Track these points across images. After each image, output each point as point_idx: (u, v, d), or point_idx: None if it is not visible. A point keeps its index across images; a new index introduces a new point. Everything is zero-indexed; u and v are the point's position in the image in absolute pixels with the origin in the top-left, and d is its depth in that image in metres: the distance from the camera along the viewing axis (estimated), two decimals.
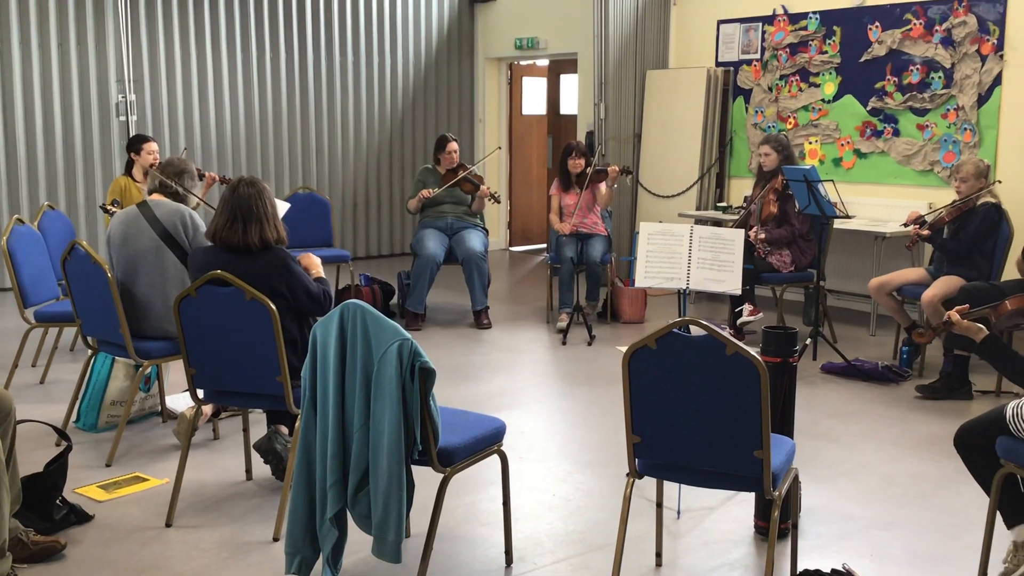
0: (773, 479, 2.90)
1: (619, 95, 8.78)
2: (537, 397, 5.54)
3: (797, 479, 3.33)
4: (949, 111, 7.06)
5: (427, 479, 3.26)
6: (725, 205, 8.28)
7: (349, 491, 3.08)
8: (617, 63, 8.71)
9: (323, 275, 4.08)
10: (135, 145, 6.50)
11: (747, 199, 6.95)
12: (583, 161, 7.18)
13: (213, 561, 3.44)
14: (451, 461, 3.16)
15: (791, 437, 3.54)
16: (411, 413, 2.99)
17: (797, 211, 6.36)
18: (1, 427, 3.27)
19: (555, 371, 6.10)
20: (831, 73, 7.75)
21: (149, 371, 4.86)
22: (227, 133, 9.34)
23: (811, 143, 7.92)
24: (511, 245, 11.19)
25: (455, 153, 7.33)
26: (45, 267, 5.45)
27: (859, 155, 7.66)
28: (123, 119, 8.60)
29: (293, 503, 3.17)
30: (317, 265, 4.13)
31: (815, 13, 7.81)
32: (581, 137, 9.39)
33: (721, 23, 8.53)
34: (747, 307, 6.40)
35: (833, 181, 6.26)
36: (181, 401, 4.96)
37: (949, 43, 7.02)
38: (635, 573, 3.38)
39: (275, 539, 3.60)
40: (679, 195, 8.60)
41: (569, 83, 10.63)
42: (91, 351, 4.76)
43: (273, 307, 3.54)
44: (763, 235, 6.48)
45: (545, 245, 10.65)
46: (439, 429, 3.11)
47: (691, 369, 2.87)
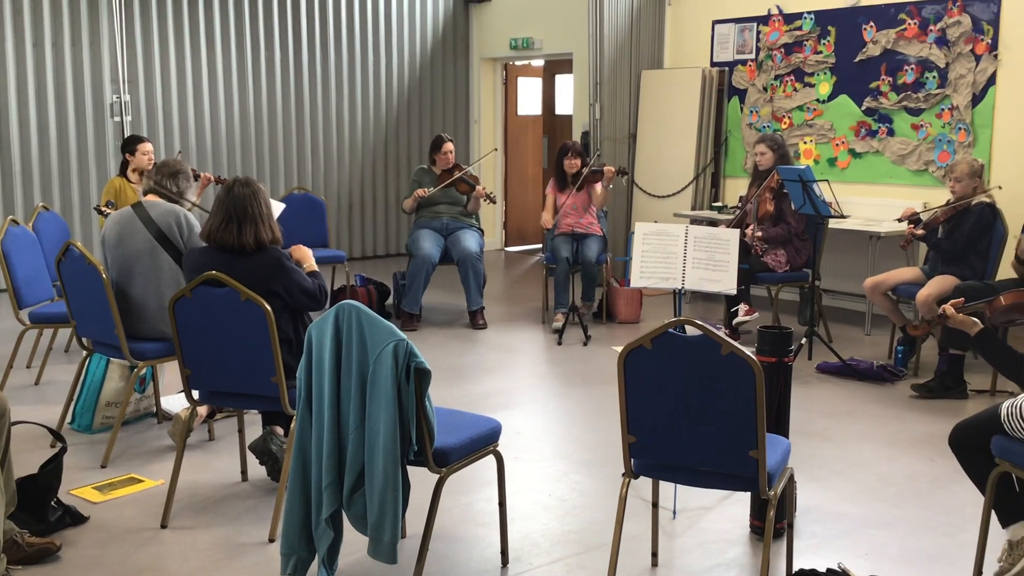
0: (768, 479, 2.91)
1: (614, 95, 8.79)
2: (533, 397, 5.54)
3: (792, 479, 3.34)
4: (943, 111, 7.08)
5: (423, 480, 3.26)
6: (720, 205, 8.29)
7: (345, 492, 3.07)
8: (612, 63, 8.71)
9: (316, 267, 4.08)
10: (130, 146, 6.49)
11: (742, 199, 6.96)
12: (579, 161, 7.19)
13: (209, 562, 3.44)
14: (447, 462, 3.16)
15: (786, 437, 3.54)
16: (407, 414, 2.99)
17: (793, 210, 6.37)
18: None
19: (551, 371, 6.10)
20: (826, 73, 7.76)
21: (144, 372, 4.85)
22: (222, 133, 9.33)
23: (806, 143, 7.93)
24: (507, 245, 11.20)
25: (451, 153, 7.33)
26: (40, 268, 5.44)
27: (854, 155, 7.67)
28: (117, 120, 8.60)
29: (289, 504, 3.16)
30: (309, 257, 4.13)
31: (810, 13, 7.82)
32: (576, 137, 9.40)
33: (716, 23, 8.54)
34: (743, 307, 6.41)
35: (828, 181, 6.27)
36: (176, 402, 4.95)
37: (943, 43, 7.03)
38: (631, 573, 3.38)
39: (271, 540, 3.59)
40: (674, 195, 8.61)
41: (564, 83, 10.63)
42: (86, 352, 4.75)
43: (268, 308, 3.53)
44: (760, 233, 6.49)
45: (540, 245, 10.65)
46: (435, 430, 3.11)
47: (686, 369, 2.87)
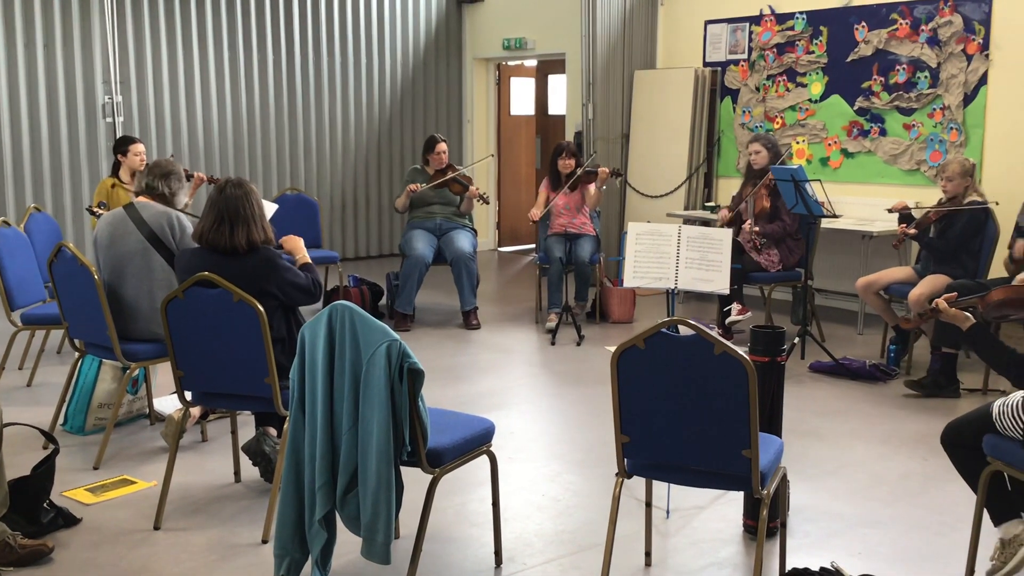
0: (761, 478, 2.91)
1: (607, 95, 8.79)
2: (526, 397, 5.54)
3: (785, 478, 3.34)
4: (935, 110, 7.10)
5: (416, 480, 3.25)
6: (713, 205, 8.30)
7: (338, 493, 3.07)
8: (605, 63, 8.72)
9: (308, 259, 4.07)
10: (122, 147, 6.48)
11: (735, 199, 6.97)
12: (574, 161, 7.19)
13: (201, 564, 3.43)
14: (440, 462, 3.15)
15: (779, 436, 3.55)
16: (400, 414, 2.99)
17: (787, 209, 6.38)
18: None
19: (544, 371, 6.10)
20: (818, 73, 7.78)
21: (136, 373, 4.84)
22: (214, 134, 9.31)
23: (798, 143, 7.95)
24: (500, 245, 11.19)
25: (444, 154, 7.33)
26: (32, 269, 5.43)
27: (846, 155, 7.68)
28: (109, 120, 8.58)
29: (282, 505, 3.16)
30: (301, 248, 4.13)
31: (802, 13, 7.83)
32: (569, 137, 9.40)
33: (708, 23, 8.55)
34: (735, 306, 6.42)
35: (820, 181, 6.28)
36: (169, 403, 4.94)
37: (935, 43, 7.05)
38: (624, 572, 3.38)
39: (264, 541, 3.59)
40: (667, 195, 8.61)
41: (557, 83, 10.64)
42: (78, 354, 4.74)
43: (261, 308, 3.53)
44: (757, 228, 6.50)
45: (534, 245, 10.65)
46: (428, 430, 3.11)
47: (679, 369, 2.88)
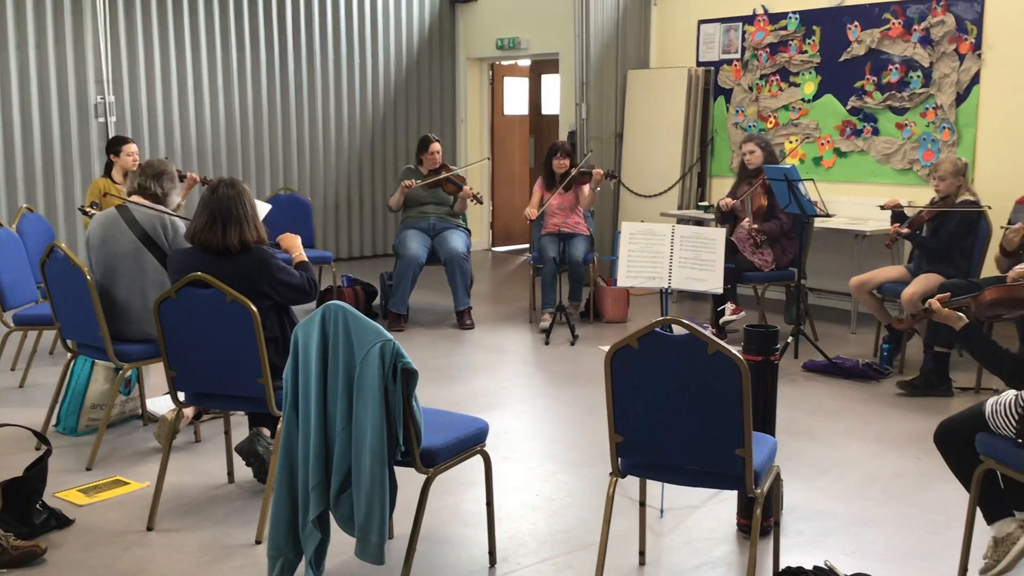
0: (755, 477, 2.91)
1: (601, 95, 8.80)
2: (520, 397, 5.54)
3: (779, 477, 3.35)
4: (928, 110, 7.11)
5: (410, 480, 3.25)
6: (707, 204, 8.31)
7: (332, 493, 3.07)
8: (598, 63, 8.72)
9: (305, 257, 4.07)
10: (114, 147, 6.47)
11: (734, 195, 6.96)
12: (568, 161, 7.20)
13: (195, 565, 3.43)
14: (434, 462, 3.15)
15: (773, 435, 3.55)
16: (394, 414, 2.98)
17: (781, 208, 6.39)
18: None
19: (538, 371, 6.10)
20: (811, 72, 7.79)
21: (129, 374, 4.83)
22: (207, 134, 9.29)
23: (791, 142, 7.96)
24: (493, 245, 11.19)
25: (438, 154, 7.32)
26: (24, 270, 5.41)
27: (839, 154, 7.70)
28: (102, 120, 8.56)
29: (275, 505, 3.15)
30: (298, 246, 4.12)
31: (795, 13, 7.84)
32: (563, 137, 9.41)
33: (701, 23, 8.56)
34: (729, 306, 6.43)
35: (813, 180, 6.30)
36: (162, 404, 4.93)
37: (927, 42, 7.07)
38: (619, 572, 3.39)
39: (257, 542, 3.58)
40: (661, 195, 8.62)
41: (551, 83, 10.64)
42: (71, 354, 4.73)
43: (254, 309, 3.52)
44: (756, 225, 6.50)
45: (528, 245, 10.65)
46: (422, 430, 3.11)
47: (673, 368, 2.88)
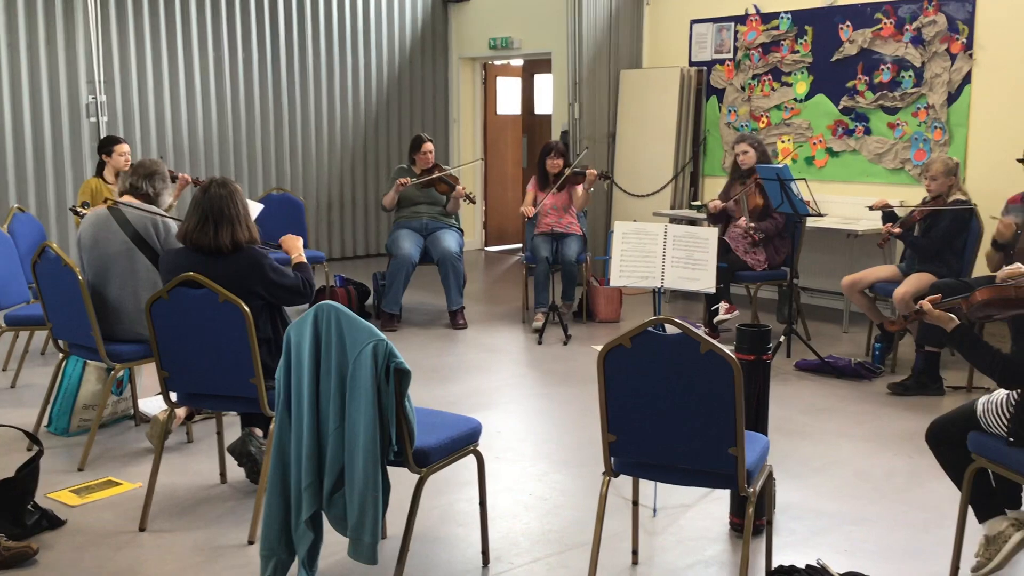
0: (747, 476, 2.92)
1: (593, 95, 8.80)
2: (513, 397, 5.54)
3: (771, 476, 3.35)
4: (919, 109, 7.13)
5: (403, 480, 3.25)
6: (699, 204, 8.32)
7: (324, 493, 3.06)
8: (591, 63, 8.73)
9: (304, 259, 4.06)
10: (106, 147, 6.45)
11: (721, 196, 6.98)
12: (562, 161, 7.20)
13: (187, 565, 3.42)
14: (427, 462, 3.15)
15: (765, 434, 3.56)
16: (386, 414, 2.98)
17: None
18: None
19: (531, 371, 6.10)
20: (803, 72, 7.81)
21: (121, 374, 4.82)
22: (199, 134, 9.27)
23: (784, 142, 7.97)
24: (486, 245, 11.19)
25: (430, 153, 7.32)
26: (15, 270, 5.39)
27: (831, 154, 7.71)
28: (93, 120, 8.54)
29: (268, 506, 3.15)
30: (297, 248, 4.11)
31: (787, 13, 7.86)
32: (555, 137, 9.41)
33: (694, 23, 8.57)
34: (723, 305, 6.44)
35: (806, 180, 6.30)
36: (154, 404, 4.92)
37: (919, 42, 7.09)
38: (611, 571, 3.39)
39: (250, 542, 3.58)
40: (653, 194, 8.63)
41: (543, 83, 10.64)
42: (62, 355, 4.71)
43: (246, 308, 3.52)
44: (753, 224, 6.51)
45: (520, 245, 10.65)
46: (415, 430, 3.11)
47: (666, 367, 2.88)
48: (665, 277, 4.62)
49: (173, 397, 3.81)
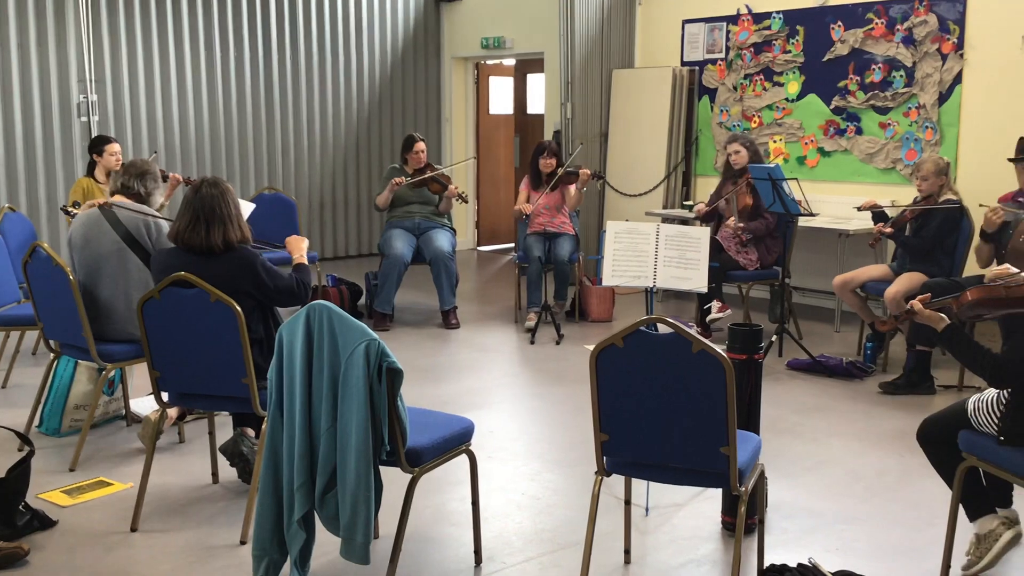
0: (739, 475, 2.92)
1: (586, 94, 8.80)
2: (505, 397, 5.54)
3: (763, 475, 3.36)
4: (911, 109, 7.15)
5: (395, 480, 3.25)
6: (691, 204, 8.32)
7: (317, 493, 3.06)
8: (583, 63, 8.73)
9: (304, 261, 4.05)
10: (97, 146, 6.43)
11: (713, 196, 6.99)
12: (554, 161, 7.20)
13: (179, 565, 3.41)
14: (419, 461, 3.15)
15: (757, 433, 3.57)
16: (379, 414, 2.98)
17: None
18: None
19: (523, 370, 6.10)
20: (795, 72, 7.82)
21: (113, 374, 4.81)
22: (191, 133, 9.25)
23: (775, 142, 7.99)
24: (479, 245, 11.19)
25: (422, 153, 7.31)
26: (6, 270, 5.37)
27: (823, 153, 7.73)
28: (84, 119, 8.51)
29: (260, 506, 3.15)
30: (299, 248, 4.10)
31: (778, 13, 7.87)
32: (548, 136, 9.41)
33: (686, 23, 8.57)
34: (715, 304, 6.45)
35: (797, 179, 6.32)
36: (145, 404, 4.91)
37: (910, 42, 7.11)
38: (604, 570, 3.39)
39: (242, 542, 3.57)
40: (646, 194, 8.64)
41: (536, 82, 10.64)
42: (53, 355, 4.70)
43: (238, 308, 3.51)
44: (742, 224, 6.53)
45: (513, 244, 10.65)
46: (407, 429, 3.10)
47: (658, 367, 2.88)
48: (657, 276, 4.62)
49: (165, 397, 3.80)
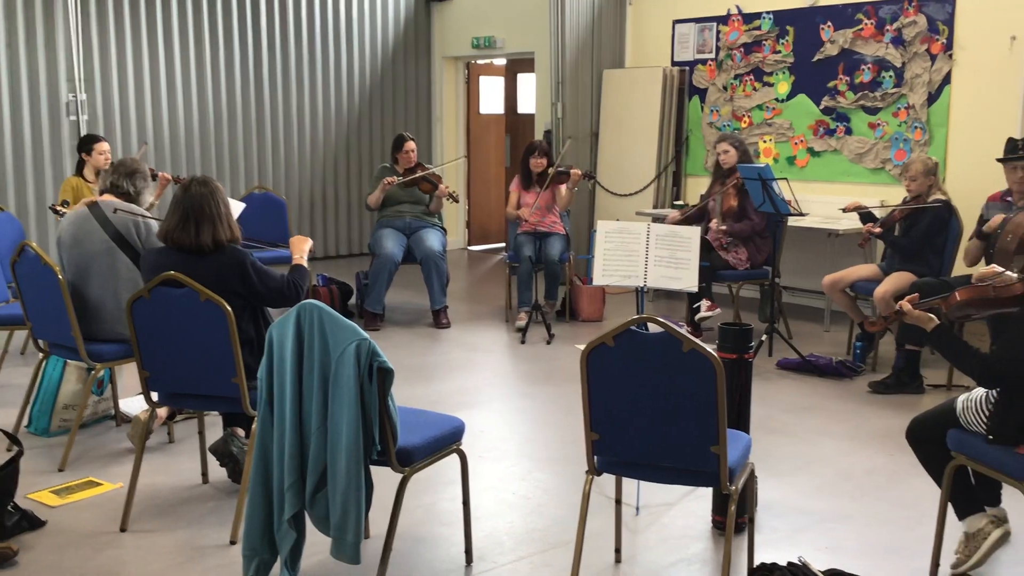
0: (730, 474, 2.93)
1: (576, 94, 8.81)
2: (496, 396, 5.54)
3: (753, 474, 3.37)
4: (900, 110, 7.18)
5: (386, 479, 3.24)
6: (682, 203, 8.33)
7: (307, 492, 3.06)
8: (574, 62, 8.74)
9: (303, 262, 4.03)
10: (86, 145, 6.41)
11: (703, 197, 7.01)
12: (545, 161, 7.20)
13: (169, 566, 3.40)
14: (410, 461, 3.15)
15: (747, 432, 3.57)
16: (369, 413, 2.98)
17: (755, 207, 6.42)
18: None
19: (514, 370, 6.10)
20: (784, 72, 7.84)
21: (102, 374, 4.79)
22: (180, 132, 9.22)
23: (765, 142, 8.00)
24: (469, 244, 11.18)
25: (413, 152, 7.31)
26: None
27: (812, 153, 7.75)
28: (73, 119, 8.48)
29: (250, 506, 3.14)
30: (299, 249, 4.08)
31: (768, 13, 7.89)
32: (539, 136, 9.41)
33: (676, 23, 8.59)
34: (704, 303, 6.46)
35: (787, 179, 6.33)
36: (135, 404, 4.89)
37: (900, 43, 7.13)
38: (595, 570, 3.39)
39: (232, 542, 3.56)
40: (636, 194, 8.65)
41: (526, 82, 10.63)
42: (42, 354, 4.68)
43: (228, 308, 3.50)
44: (724, 227, 6.54)
45: (504, 244, 10.65)
46: (398, 429, 3.10)
47: (649, 366, 2.89)
48: (648, 276, 4.62)
49: (154, 397, 3.78)
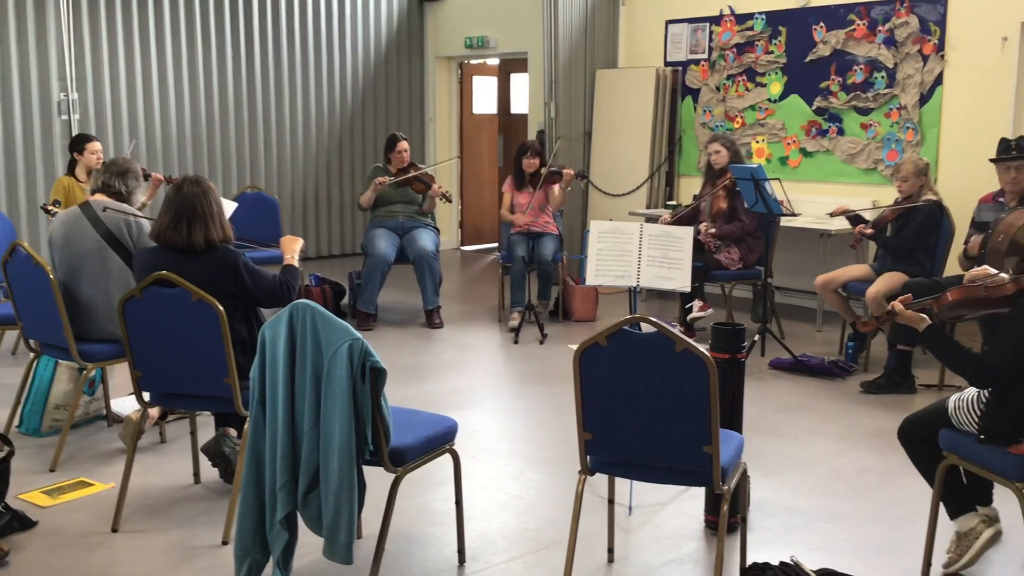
0: (722, 474, 2.93)
1: (569, 94, 8.81)
2: (489, 396, 5.54)
3: (746, 474, 3.37)
4: (892, 110, 7.20)
5: (378, 479, 3.24)
6: (675, 204, 8.34)
7: (299, 492, 3.05)
8: (567, 62, 8.74)
9: (294, 262, 4.02)
10: (78, 145, 6.40)
11: (696, 198, 7.02)
12: (538, 161, 7.20)
13: (161, 566, 3.39)
14: (403, 461, 3.14)
15: (740, 432, 3.58)
16: (362, 413, 2.97)
17: (746, 208, 6.43)
18: None
19: (507, 370, 6.10)
20: (777, 73, 7.85)
21: (93, 374, 4.78)
22: (172, 132, 9.20)
23: (758, 142, 8.02)
24: (462, 244, 11.18)
25: (405, 152, 7.30)
26: None
27: (805, 154, 7.77)
28: (65, 118, 8.45)
29: (242, 506, 3.13)
30: (293, 249, 4.07)
31: (761, 14, 7.90)
32: (532, 136, 9.41)
33: (669, 23, 8.59)
34: (696, 303, 6.46)
35: (780, 179, 6.34)
36: (127, 404, 4.88)
37: (892, 43, 7.15)
38: (588, 569, 3.40)
39: (224, 543, 3.56)
40: (629, 194, 8.65)
41: (519, 82, 10.64)
42: (34, 354, 4.67)
43: (220, 308, 3.49)
44: (713, 230, 6.55)
45: (496, 244, 10.65)
46: (390, 429, 3.10)
47: (641, 366, 2.89)
48: (641, 276, 4.63)
49: (146, 397, 3.78)
